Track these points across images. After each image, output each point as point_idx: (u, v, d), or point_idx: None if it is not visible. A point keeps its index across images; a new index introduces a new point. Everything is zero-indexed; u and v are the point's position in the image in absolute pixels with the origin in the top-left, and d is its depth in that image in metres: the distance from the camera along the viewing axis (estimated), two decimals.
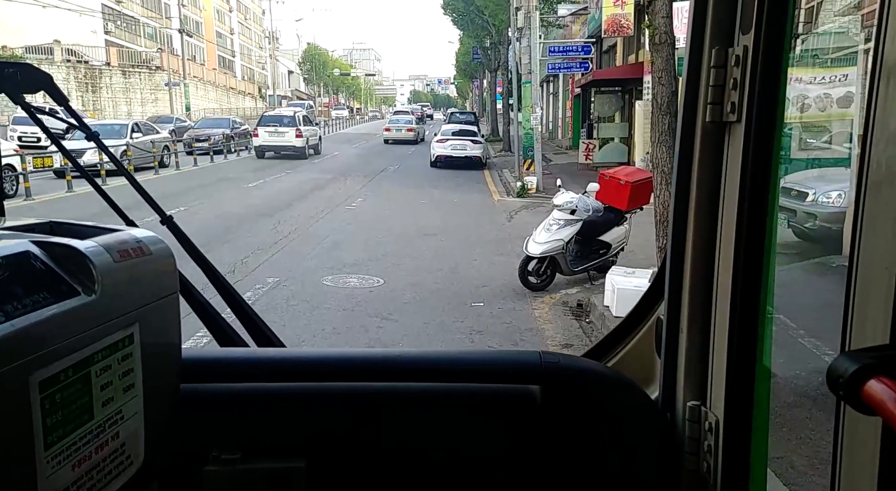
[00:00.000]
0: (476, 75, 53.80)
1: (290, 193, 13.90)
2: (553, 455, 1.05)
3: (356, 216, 11.42)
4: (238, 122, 29.10)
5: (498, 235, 9.94)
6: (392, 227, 10.39)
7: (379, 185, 15.93)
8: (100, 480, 0.77)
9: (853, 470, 0.69)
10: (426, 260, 8.15)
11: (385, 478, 1.06)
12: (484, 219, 11.62)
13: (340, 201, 12.86)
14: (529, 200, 13.39)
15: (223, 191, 14.18)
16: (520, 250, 6.82)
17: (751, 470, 0.92)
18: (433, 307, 6.21)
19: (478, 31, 31.16)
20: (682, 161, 0.94)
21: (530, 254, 6.62)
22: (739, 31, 0.85)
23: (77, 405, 0.72)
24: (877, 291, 0.65)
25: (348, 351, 1.58)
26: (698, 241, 0.94)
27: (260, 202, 12.53)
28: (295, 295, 6.52)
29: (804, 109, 4.69)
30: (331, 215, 11.36)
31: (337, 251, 8.56)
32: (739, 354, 0.89)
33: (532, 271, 6.66)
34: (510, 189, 14.90)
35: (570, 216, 6.71)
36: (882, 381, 0.54)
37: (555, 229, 6.66)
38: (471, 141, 20.21)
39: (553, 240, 6.58)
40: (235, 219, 10.66)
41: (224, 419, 1.04)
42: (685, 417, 0.98)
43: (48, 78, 1.08)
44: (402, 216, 11.62)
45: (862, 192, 0.66)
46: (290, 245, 8.86)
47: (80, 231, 0.85)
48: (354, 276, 7.29)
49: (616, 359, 1.21)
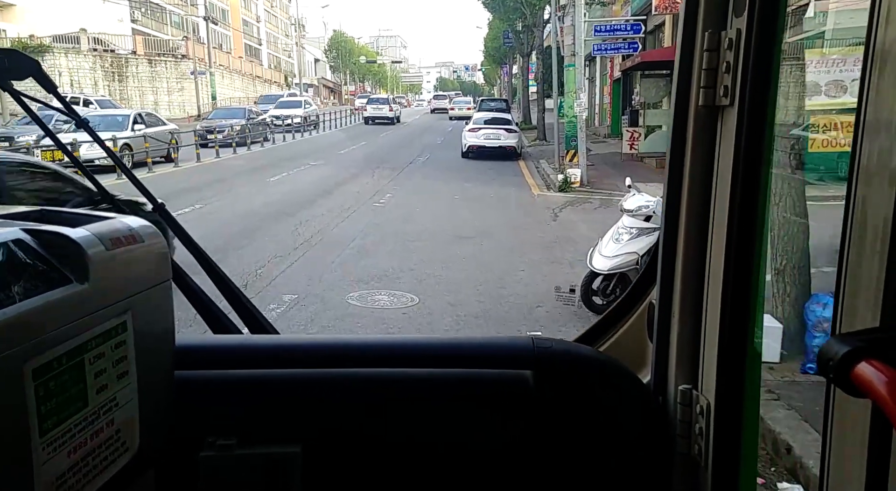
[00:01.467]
0: (506, 61, 52.32)
1: (314, 189, 12.95)
2: (545, 440, 1.05)
3: (384, 215, 10.39)
4: (254, 111, 27.13)
5: (543, 238, 8.82)
6: (424, 229, 9.33)
7: (408, 179, 14.88)
8: (95, 466, 0.77)
9: (843, 451, 0.70)
10: (465, 270, 7.08)
11: (379, 462, 1.06)
12: (525, 217, 10.49)
13: (367, 198, 11.84)
14: (573, 195, 12.20)
15: (243, 185, 13.29)
16: (571, 256, 5.74)
17: (741, 452, 0.92)
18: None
19: (510, 13, 29.73)
20: (675, 146, 0.94)
21: (596, 269, 5.48)
22: (733, 13, 0.85)
23: (71, 393, 0.72)
24: (867, 275, 0.66)
25: (342, 337, 1.69)
26: (691, 226, 0.94)
27: (280, 198, 11.60)
28: (315, 318, 5.52)
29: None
30: (357, 214, 10.35)
31: (364, 259, 7.55)
32: (730, 338, 0.90)
33: (598, 290, 5.52)
34: (550, 182, 13.71)
35: (644, 224, 5.54)
36: (871, 363, 0.55)
37: (626, 240, 5.50)
38: (505, 130, 18.96)
39: (624, 253, 5.43)
40: (254, 218, 9.73)
41: (219, 406, 1.04)
42: (676, 401, 0.99)
43: (36, 64, 1.06)
44: (435, 215, 10.56)
45: (854, 178, 0.67)
46: (312, 251, 7.87)
47: (72, 219, 0.84)
48: (384, 292, 6.26)
49: (608, 344, 1.21)
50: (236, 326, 1.24)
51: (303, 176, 15.14)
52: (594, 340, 1.21)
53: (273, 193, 12.34)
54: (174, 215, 1.28)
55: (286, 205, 10.92)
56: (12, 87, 1.07)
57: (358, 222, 9.71)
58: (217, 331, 1.21)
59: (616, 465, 1.05)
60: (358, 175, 15.07)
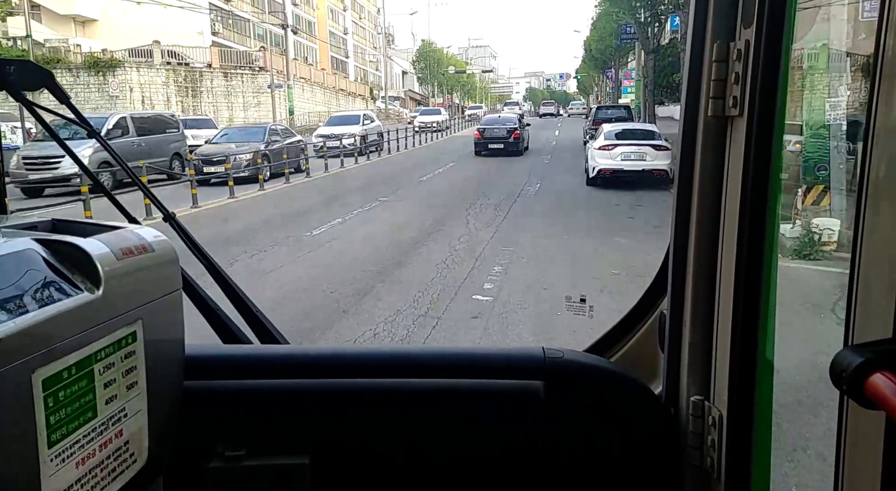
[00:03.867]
0: (610, 64, 46.43)
1: (374, 254, 8.17)
2: (557, 450, 1.04)
3: (495, 293, 5.36)
4: (280, 130, 18.29)
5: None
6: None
7: (520, 228, 9.84)
8: (103, 477, 0.76)
9: (856, 464, 0.68)
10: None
11: (389, 473, 1.05)
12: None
13: (461, 278, 6.85)
14: (835, 268, 6.65)
15: (275, 244, 8.72)
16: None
17: (754, 464, 0.91)
18: None
19: (632, 1, 24.18)
20: (685, 156, 0.94)
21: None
22: (741, 25, 0.85)
23: (80, 403, 0.72)
24: (880, 285, 0.65)
25: (352, 348, 1.64)
26: (701, 236, 0.94)
27: (320, 274, 6.87)
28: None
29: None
30: (449, 307, 5.39)
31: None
32: (742, 348, 0.88)
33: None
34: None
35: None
36: (885, 375, 0.54)
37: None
38: (651, 146, 13.46)
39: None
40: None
41: (227, 416, 1.03)
42: (688, 412, 0.98)
43: (49, 75, 1.05)
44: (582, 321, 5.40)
45: (864, 186, 0.66)
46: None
47: (83, 229, 0.84)
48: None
49: (619, 354, 1.19)
50: (246, 336, 1.21)
51: (359, 226, 10.42)
52: (605, 351, 1.19)
53: (311, 262, 7.65)
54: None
55: (322, 298, 6.13)
56: (25, 99, 1.06)
57: (448, 324, 4.72)
58: (227, 341, 1.19)
59: (627, 476, 1.04)
60: (444, 222, 10.17)
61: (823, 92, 7.78)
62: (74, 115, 1.15)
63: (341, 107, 46.86)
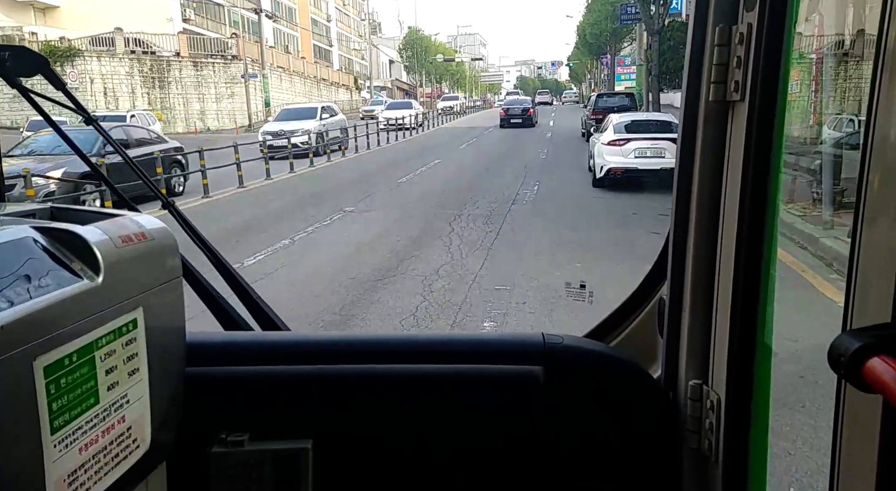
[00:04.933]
0: (605, 50, 44.24)
1: (334, 284, 6.05)
2: (556, 435, 1.05)
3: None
4: (155, 141, 12.42)
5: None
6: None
7: (514, 238, 7.74)
8: (106, 463, 0.77)
9: (853, 447, 0.69)
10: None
11: (389, 458, 1.07)
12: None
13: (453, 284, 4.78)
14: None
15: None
16: None
17: (752, 447, 0.92)
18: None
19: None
20: (685, 141, 0.94)
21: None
22: (743, 8, 0.85)
23: (82, 390, 0.73)
24: (878, 270, 0.65)
25: (352, 335, 1.61)
26: (701, 221, 0.94)
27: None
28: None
29: None
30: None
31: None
32: (741, 333, 0.89)
33: None
34: (823, 260, 6.10)
35: None
36: (883, 359, 0.54)
37: None
38: (670, 140, 11.35)
39: None
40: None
41: (229, 402, 1.04)
42: (687, 396, 0.99)
43: (45, 61, 1.06)
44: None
45: (865, 172, 0.67)
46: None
47: (82, 216, 0.85)
48: None
49: (618, 339, 1.21)
50: (247, 323, 1.23)
51: (313, 252, 8.30)
52: (604, 336, 1.21)
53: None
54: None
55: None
56: (21, 85, 1.06)
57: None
58: (228, 327, 1.22)
59: (626, 460, 1.06)
60: (419, 243, 8.05)
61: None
62: (70, 102, 1.14)
63: (323, 97, 44.35)
